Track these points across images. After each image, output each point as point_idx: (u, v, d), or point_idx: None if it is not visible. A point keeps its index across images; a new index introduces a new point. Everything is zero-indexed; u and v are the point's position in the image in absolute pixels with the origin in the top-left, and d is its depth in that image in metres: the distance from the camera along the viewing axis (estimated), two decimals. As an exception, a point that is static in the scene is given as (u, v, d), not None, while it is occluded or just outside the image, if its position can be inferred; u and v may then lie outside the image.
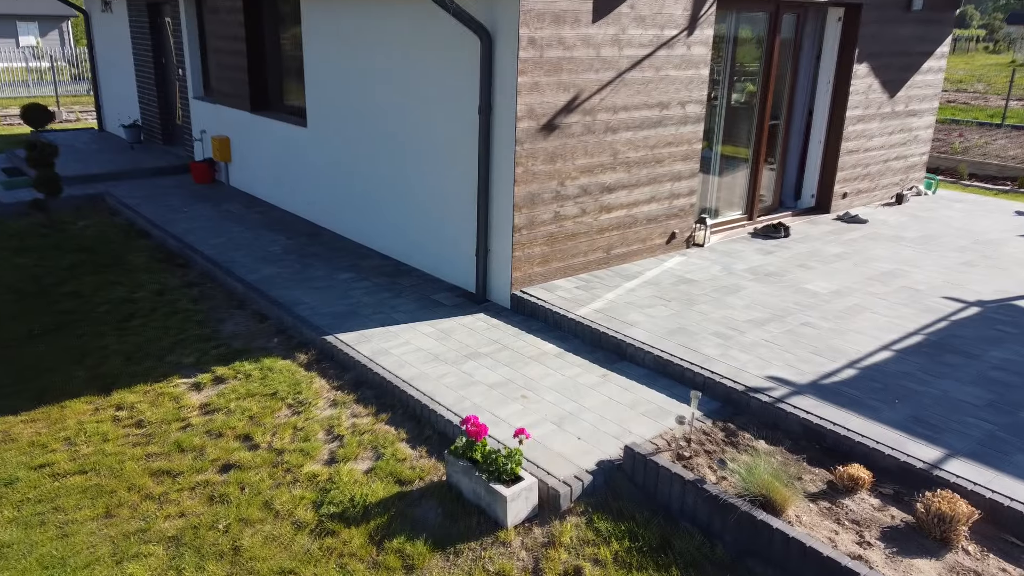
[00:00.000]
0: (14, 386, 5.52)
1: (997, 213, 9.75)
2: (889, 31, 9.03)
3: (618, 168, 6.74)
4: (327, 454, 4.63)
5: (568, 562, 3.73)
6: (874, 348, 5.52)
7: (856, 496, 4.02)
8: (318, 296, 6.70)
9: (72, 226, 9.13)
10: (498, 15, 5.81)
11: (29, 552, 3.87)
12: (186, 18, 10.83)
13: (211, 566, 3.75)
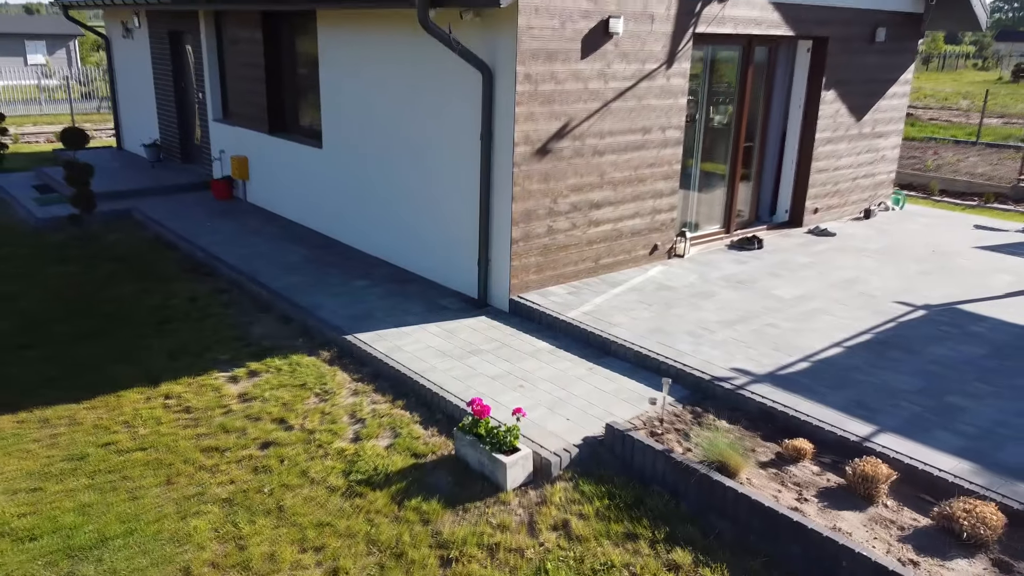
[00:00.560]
0: (72, 379, 6.28)
1: (957, 227, 10.57)
2: (855, 60, 9.87)
3: (605, 187, 7.54)
4: (352, 433, 5.40)
5: (557, 517, 4.49)
6: (827, 345, 6.31)
7: (799, 464, 4.79)
8: (336, 301, 7.47)
9: (105, 239, 9.90)
10: (498, 53, 6.62)
11: (107, 511, 4.62)
12: (206, 46, 11.65)
13: (261, 521, 4.50)
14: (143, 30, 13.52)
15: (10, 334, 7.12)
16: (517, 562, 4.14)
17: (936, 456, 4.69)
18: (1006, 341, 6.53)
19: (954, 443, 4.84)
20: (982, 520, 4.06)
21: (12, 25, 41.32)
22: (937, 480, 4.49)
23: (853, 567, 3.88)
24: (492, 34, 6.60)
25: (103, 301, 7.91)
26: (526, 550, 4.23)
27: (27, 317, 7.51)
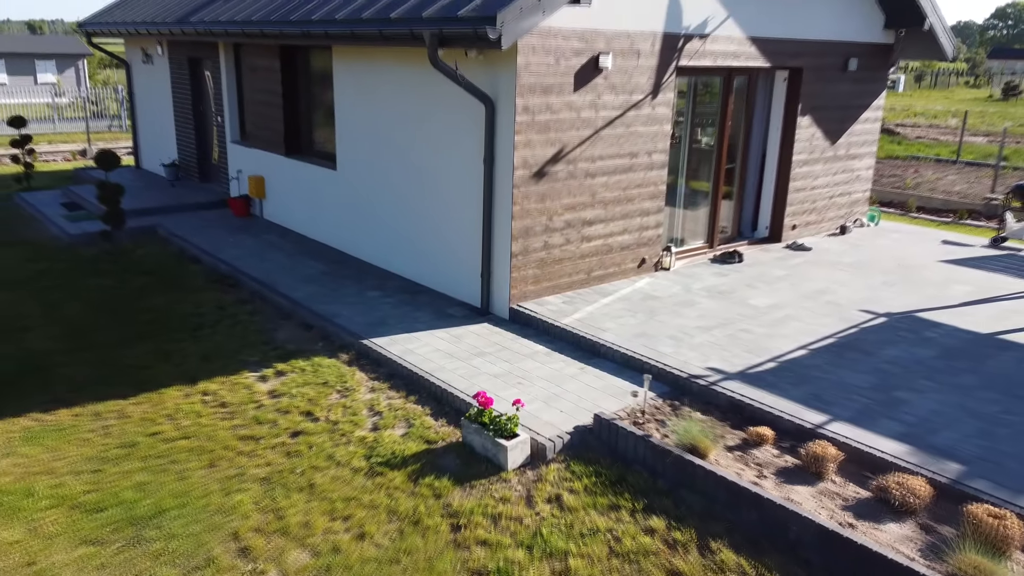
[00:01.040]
0: (119, 379, 7.00)
1: (927, 242, 11.34)
2: (829, 88, 10.67)
3: (596, 206, 8.31)
4: (371, 424, 6.13)
5: (551, 491, 5.21)
6: (793, 348, 7.05)
7: (761, 448, 5.52)
8: (352, 309, 8.22)
9: (134, 254, 10.65)
10: (499, 87, 7.40)
11: (160, 488, 5.34)
12: (225, 73, 12.45)
13: (295, 496, 5.22)
14: (163, 56, 14.33)
15: (59, 339, 7.86)
16: (516, 528, 4.86)
17: (879, 440, 5.42)
18: (955, 345, 7.27)
19: (895, 430, 5.58)
20: (912, 491, 4.79)
21: (23, 45, 42.34)
22: (878, 460, 5.22)
23: (800, 530, 4.61)
24: (494, 70, 7.39)
25: (139, 310, 8.65)
26: (524, 518, 4.95)
27: (72, 324, 8.25)
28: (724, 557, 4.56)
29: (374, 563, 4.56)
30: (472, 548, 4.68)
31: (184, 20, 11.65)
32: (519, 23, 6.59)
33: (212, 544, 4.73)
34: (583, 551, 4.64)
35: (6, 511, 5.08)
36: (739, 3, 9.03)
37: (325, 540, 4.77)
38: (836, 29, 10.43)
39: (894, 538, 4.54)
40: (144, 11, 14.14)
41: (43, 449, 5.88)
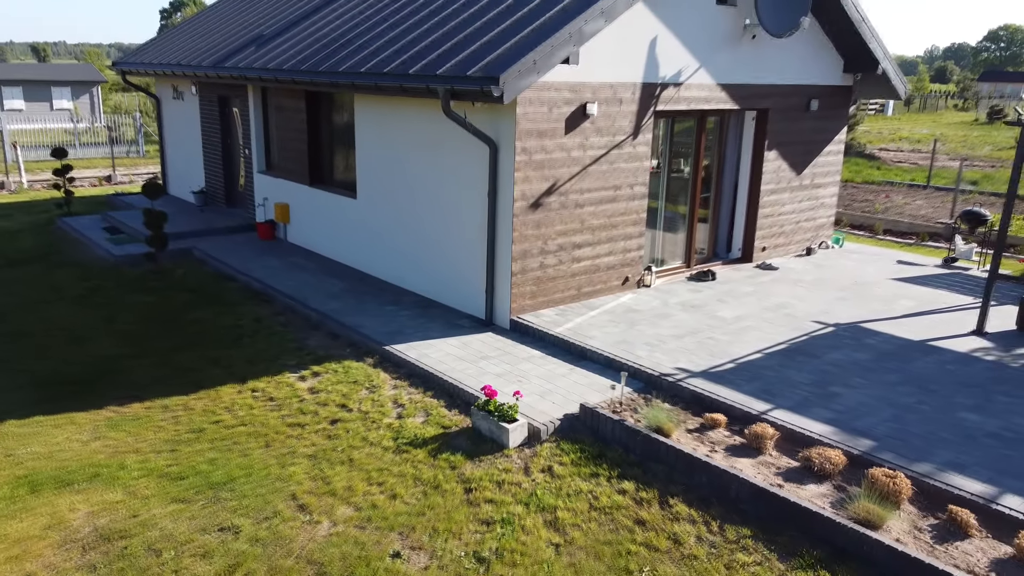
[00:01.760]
0: (178, 379, 8.27)
1: (884, 262, 12.64)
2: (793, 126, 12.03)
3: (585, 232, 9.62)
4: (396, 414, 7.39)
5: (544, 463, 6.47)
6: (750, 352, 8.33)
7: (715, 430, 6.78)
8: (373, 321, 9.50)
9: (174, 273, 11.95)
10: (501, 132, 8.74)
11: (228, 462, 6.59)
12: (253, 110, 13.82)
13: (338, 468, 6.47)
14: (194, 94, 15.71)
15: (121, 347, 9.13)
16: (516, 490, 6.11)
17: (810, 423, 6.69)
18: (889, 349, 8.55)
19: (825, 416, 6.84)
20: (829, 460, 6.05)
21: (40, 73, 43.90)
22: (807, 438, 6.49)
23: (739, 489, 5.87)
24: (497, 118, 8.72)
25: (186, 322, 9.93)
26: (522, 483, 6.21)
27: (129, 335, 9.53)
28: (679, 510, 5.82)
29: (404, 515, 5.81)
30: (481, 505, 5.93)
31: (219, 65, 13.03)
32: (518, 82, 7.93)
33: (276, 502, 5.98)
34: (569, 506, 5.89)
35: (106, 480, 6.34)
36: (710, 55, 10.40)
37: (365, 499, 6.02)
38: (799, 74, 11.79)
39: (812, 495, 5.79)
40: (176, 54, 15.53)
41: (126, 434, 7.14)
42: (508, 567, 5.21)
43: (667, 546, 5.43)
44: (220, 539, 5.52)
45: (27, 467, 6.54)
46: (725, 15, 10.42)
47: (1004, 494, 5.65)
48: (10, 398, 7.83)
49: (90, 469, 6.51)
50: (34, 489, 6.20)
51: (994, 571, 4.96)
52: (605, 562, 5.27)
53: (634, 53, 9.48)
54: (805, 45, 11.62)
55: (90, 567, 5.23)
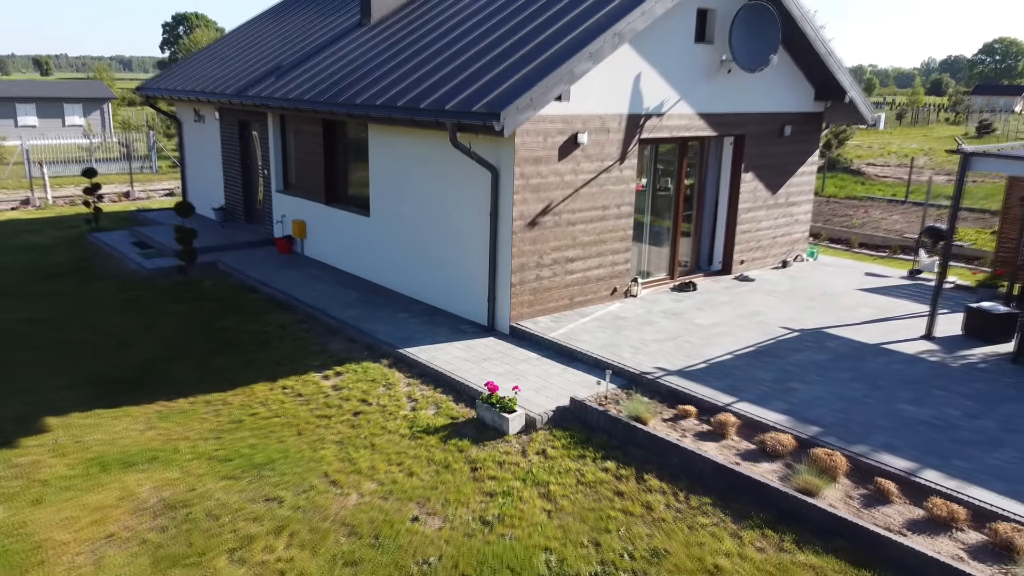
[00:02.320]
0: (215, 378, 9.35)
1: (854, 274, 13.75)
2: (768, 150, 13.16)
3: (576, 247, 10.73)
4: (410, 407, 8.47)
5: (539, 447, 7.55)
6: (722, 354, 9.43)
7: (687, 420, 7.86)
8: (386, 327, 10.59)
9: (203, 284, 13.05)
10: (501, 160, 9.86)
11: (267, 447, 7.67)
12: (272, 134, 14.95)
13: (362, 451, 7.55)
14: (215, 118, 16.86)
15: (161, 350, 10.22)
16: (515, 469, 7.19)
17: (768, 413, 7.78)
18: (845, 351, 9.64)
19: (781, 407, 7.93)
20: (780, 443, 7.13)
21: (52, 90, 45.19)
22: (764, 425, 7.58)
23: (703, 466, 6.95)
24: (498, 147, 9.85)
25: (217, 329, 11.02)
26: (520, 463, 7.29)
27: (167, 340, 10.62)
28: (652, 483, 6.90)
29: (420, 489, 6.89)
30: (485, 480, 7.01)
31: (242, 93, 14.18)
32: (517, 117, 9.06)
33: (311, 478, 7.06)
34: (559, 481, 6.97)
35: (164, 461, 7.42)
36: (690, 87, 11.54)
37: (386, 476, 7.10)
38: (773, 102, 12.94)
39: (764, 471, 6.88)
40: (198, 81, 16.70)
41: (175, 424, 8.23)
42: (508, 528, 6.29)
43: (641, 512, 6.51)
44: (267, 507, 6.60)
45: (95, 451, 7.62)
46: (703, 52, 11.57)
47: (924, 469, 6.74)
48: (71, 395, 8.92)
49: (148, 453, 7.59)
50: (104, 469, 7.28)
51: (906, 528, 6.04)
52: (589, 524, 6.35)
53: (620, 88, 10.62)
54: (778, 76, 12.76)
55: (161, 528, 6.31)
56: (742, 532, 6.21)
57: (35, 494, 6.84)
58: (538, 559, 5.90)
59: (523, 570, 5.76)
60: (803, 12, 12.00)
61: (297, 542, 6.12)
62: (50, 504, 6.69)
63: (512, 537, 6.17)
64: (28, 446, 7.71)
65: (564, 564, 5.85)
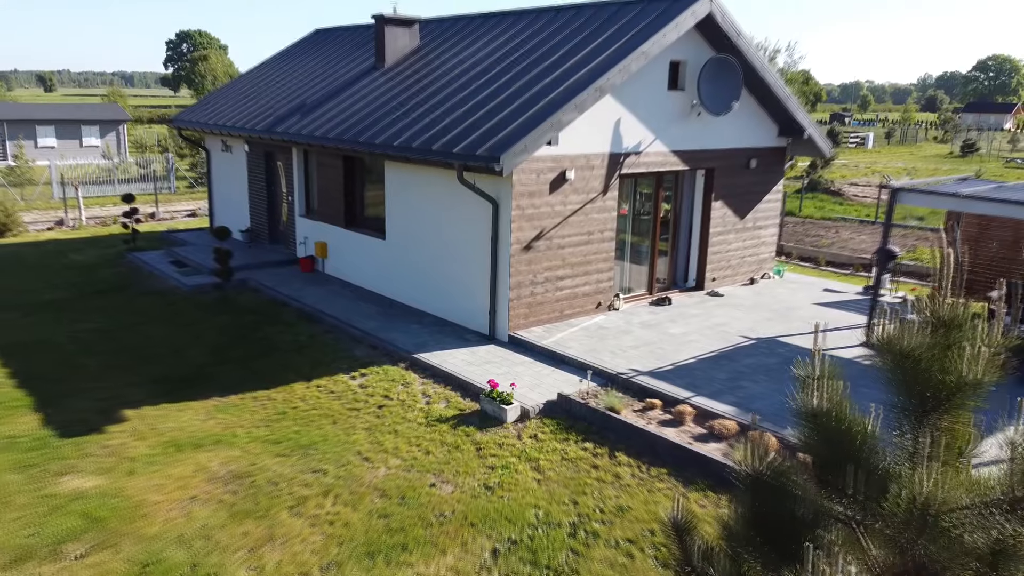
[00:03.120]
0: (258, 379, 11.07)
1: (814, 289, 15.49)
2: (736, 180, 14.94)
3: (565, 267, 12.48)
4: (425, 402, 10.19)
5: (531, 432, 9.26)
6: (687, 358, 11.15)
7: (653, 410, 9.58)
8: (402, 336, 12.32)
9: (238, 299, 14.79)
10: (501, 193, 11.62)
11: (309, 433, 9.38)
12: (296, 165, 16.74)
13: (387, 436, 9.26)
14: (240, 148, 18.66)
15: (207, 356, 11.94)
16: (512, 449, 8.90)
17: (719, 405, 9.50)
18: (792, 356, 11.33)
19: (731, 400, 9.65)
20: (726, 427, 8.86)
21: (71, 112, 47.14)
22: (715, 414, 9.29)
23: (663, 446, 8.66)
24: (498, 183, 11.62)
25: (254, 338, 12.75)
26: (516, 444, 9.00)
27: (212, 347, 12.34)
28: (621, 459, 8.62)
29: (436, 464, 8.60)
30: (487, 457, 8.72)
31: (271, 130, 15.98)
32: (514, 159, 10.84)
33: (347, 456, 8.77)
34: (547, 458, 8.69)
35: (226, 443, 9.13)
36: (664, 128, 13.33)
37: (408, 454, 8.81)
38: (740, 139, 14.73)
39: (711, 449, 8.59)
40: (226, 115, 18.52)
41: (229, 416, 9.94)
42: (506, 492, 8.00)
43: (611, 479, 8.23)
44: (315, 476, 8.31)
45: (168, 436, 9.33)
46: (675, 98, 13.37)
47: (837, 447, 8.45)
48: (139, 392, 10.63)
49: (212, 437, 9.30)
50: (178, 449, 8.99)
51: (816, 489, 7.76)
52: (570, 488, 8.06)
53: (602, 130, 12.41)
54: (745, 116, 14.55)
55: (232, 492, 8.02)
56: (689, 493, 7.92)
57: (127, 468, 8.55)
58: (529, 513, 7.61)
59: (517, 520, 7.47)
60: (763, 63, 13.82)
61: (341, 501, 7.83)
62: (141, 475, 8.40)
63: (509, 498, 7.88)
64: (113, 432, 9.42)
65: (549, 516, 7.56)
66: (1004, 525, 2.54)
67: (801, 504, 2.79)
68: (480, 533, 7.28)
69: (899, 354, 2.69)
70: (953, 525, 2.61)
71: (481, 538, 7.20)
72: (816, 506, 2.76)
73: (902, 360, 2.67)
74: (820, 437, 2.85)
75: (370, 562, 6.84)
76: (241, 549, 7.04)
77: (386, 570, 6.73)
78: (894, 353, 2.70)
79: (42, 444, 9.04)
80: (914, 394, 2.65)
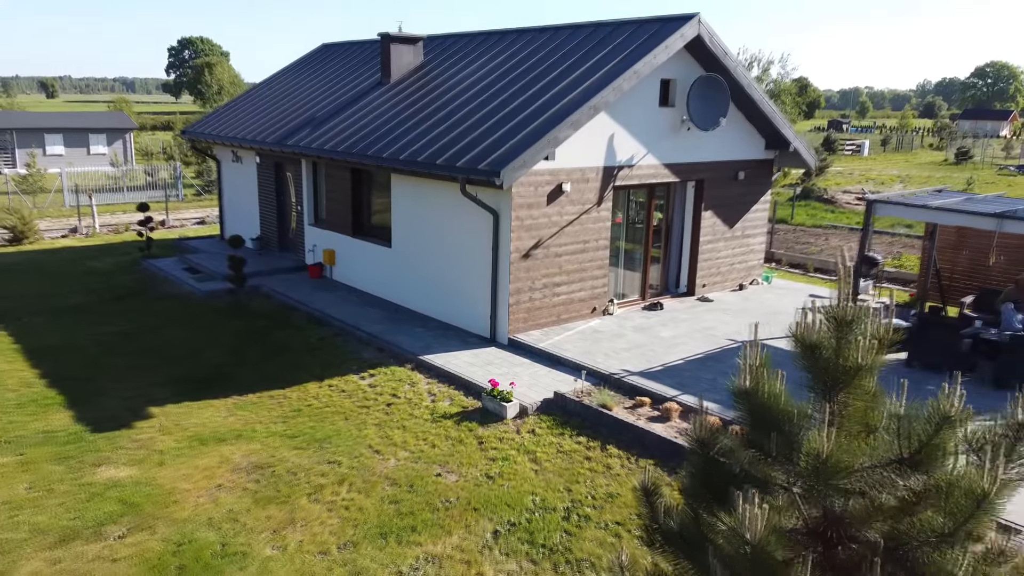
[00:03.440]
0: (273, 379, 11.79)
1: (800, 295, 16.22)
2: (725, 191, 15.69)
3: (562, 274, 13.22)
4: (430, 400, 10.93)
5: (529, 427, 10.00)
6: (676, 359, 11.89)
7: (642, 408, 10.32)
8: (408, 339, 13.05)
9: (251, 304, 15.53)
10: (501, 205, 12.37)
11: (323, 428, 10.11)
12: (305, 176, 17.50)
13: (395, 430, 9.99)
14: (251, 159, 19.43)
15: (225, 357, 12.68)
16: (511, 442, 9.63)
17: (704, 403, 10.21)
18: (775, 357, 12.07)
19: (716, 398, 10.38)
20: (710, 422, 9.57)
21: (79, 121, 47.98)
22: (699, 411, 10.02)
23: (650, 439, 9.39)
24: (498, 196, 12.37)
25: (269, 341, 13.49)
26: (515, 439, 9.73)
27: (229, 348, 13.08)
28: (612, 451, 9.35)
29: (441, 456, 9.33)
30: (489, 450, 9.45)
31: (282, 142, 16.75)
32: (513, 174, 11.59)
33: (359, 449, 9.51)
34: (544, 451, 9.42)
35: (246, 437, 9.86)
36: (656, 143, 14.08)
37: (415, 447, 9.54)
38: (729, 152, 15.48)
39: (695, 442, 9.31)
40: (238, 127, 19.29)
41: (248, 413, 10.67)
42: (506, 480, 8.73)
43: (602, 469, 8.96)
44: (330, 467, 9.04)
45: (192, 431, 10.06)
46: (666, 114, 14.14)
47: (811, 440, 9.19)
48: (163, 391, 11.36)
49: (233, 432, 10.04)
50: (203, 443, 9.72)
51: (789, 478, 8.49)
52: (564, 478, 8.79)
53: (597, 145, 13.17)
54: (733, 130, 15.31)
55: (255, 480, 8.75)
56: (673, 482, 8.65)
57: (157, 459, 9.28)
58: (527, 499, 8.34)
59: (516, 505, 8.20)
60: (749, 81, 14.59)
61: (355, 489, 8.56)
62: (170, 466, 9.13)
63: (508, 486, 8.61)
64: (141, 427, 10.16)
65: (545, 502, 8.29)
66: (895, 480, 3.28)
67: (732, 464, 3.52)
68: (482, 516, 8.01)
69: (808, 345, 3.41)
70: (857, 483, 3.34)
71: (483, 521, 7.93)
72: (742, 464, 3.48)
73: (810, 350, 3.39)
74: (747, 410, 3.54)
75: (383, 542, 7.56)
76: (265, 531, 7.77)
77: (397, 549, 7.46)
78: (804, 344, 3.42)
79: (77, 438, 9.77)
80: (819, 376, 3.38)
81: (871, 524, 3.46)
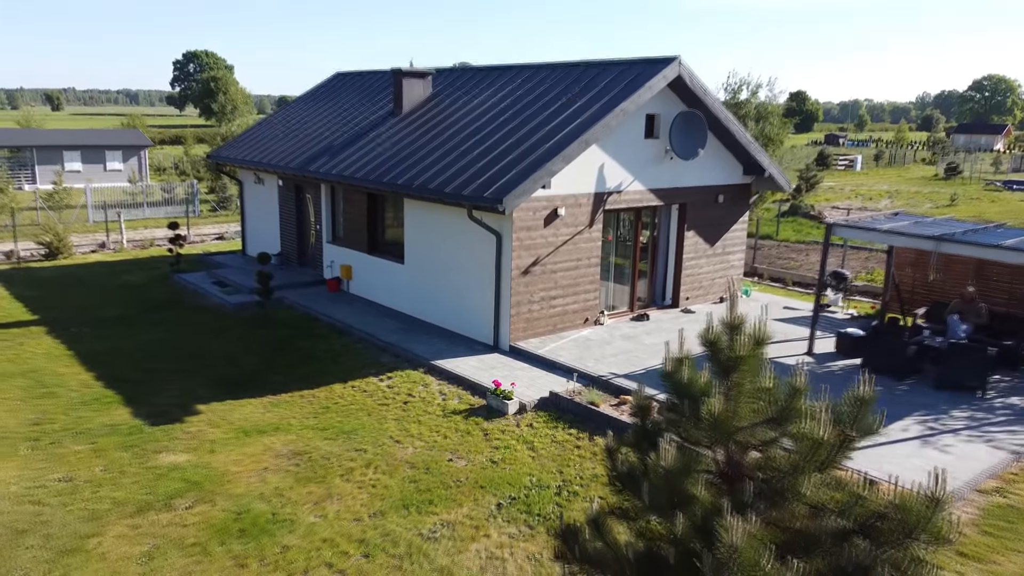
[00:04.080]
0: (302, 382, 13.38)
1: (776, 307, 17.80)
2: (706, 213, 17.30)
3: (558, 288, 14.83)
4: (441, 398, 12.51)
5: (528, 422, 11.58)
6: (658, 363, 13.46)
7: (626, 404, 11.89)
8: (421, 346, 14.65)
9: (276, 316, 17.13)
10: (503, 228, 14.00)
11: (349, 422, 11.69)
12: (324, 198, 19.15)
13: (412, 424, 11.58)
14: (273, 181, 21.09)
15: (257, 363, 14.28)
16: (512, 434, 11.21)
17: (678, 400, 11.81)
18: (745, 363, 13.67)
19: (689, 397, 11.95)
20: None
21: (96, 138, 49.82)
22: (675, 408, 11.61)
23: (631, 431, 10.97)
24: (501, 220, 13.99)
25: (294, 348, 15.08)
26: (515, 431, 11.31)
27: (260, 355, 14.68)
28: (599, 441, 10.93)
29: (452, 445, 10.91)
30: (493, 440, 11.04)
31: (304, 168, 18.41)
32: (514, 201, 13.22)
33: (382, 439, 11.09)
34: (540, 441, 11.00)
35: (283, 430, 11.45)
36: (642, 170, 15.71)
37: (429, 439, 11.12)
38: (709, 177, 17.10)
39: (669, 433, 10.90)
40: (260, 153, 20.96)
41: (283, 409, 12.26)
42: (507, 464, 10.31)
43: (589, 456, 10.54)
44: (358, 453, 10.63)
45: (237, 424, 11.65)
46: (651, 145, 15.78)
47: (768, 431, 10.78)
48: (206, 391, 12.95)
49: (271, 425, 11.63)
50: (247, 434, 11.31)
51: (746, 462, 10.08)
52: (557, 462, 10.37)
53: (589, 174, 14.81)
54: (713, 158, 16.95)
55: (295, 464, 10.34)
56: (649, 466, 10.22)
57: (208, 447, 10.87)
58: (525, 479, 9.92)
59: (516, 484, 9.78)
60: (726, 115, 16.24)
61: (380, 471, 10.14)
62: (220, 452, 10.72)
63: (509, 469, 10.19)
64: (191, 421, 11.75)
65: (540, 481, 9.87)
66: (768, 432, 4.88)
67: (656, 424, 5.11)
68: (487, 492, 9.59)
69: (710, 342, 5.00)
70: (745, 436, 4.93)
71: (488, 496, 9.51)
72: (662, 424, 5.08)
73: (712, 345, 4.99)
74: (671, 387, 5.13)
75: (406, 511, 9.15)
76: (308, 503, 9.35)
77: (418, 516, 9.04)
78: (707, 342, 5.01)
79: (138, 430, 11.36)
80: (718, 362, 4.97)
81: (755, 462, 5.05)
